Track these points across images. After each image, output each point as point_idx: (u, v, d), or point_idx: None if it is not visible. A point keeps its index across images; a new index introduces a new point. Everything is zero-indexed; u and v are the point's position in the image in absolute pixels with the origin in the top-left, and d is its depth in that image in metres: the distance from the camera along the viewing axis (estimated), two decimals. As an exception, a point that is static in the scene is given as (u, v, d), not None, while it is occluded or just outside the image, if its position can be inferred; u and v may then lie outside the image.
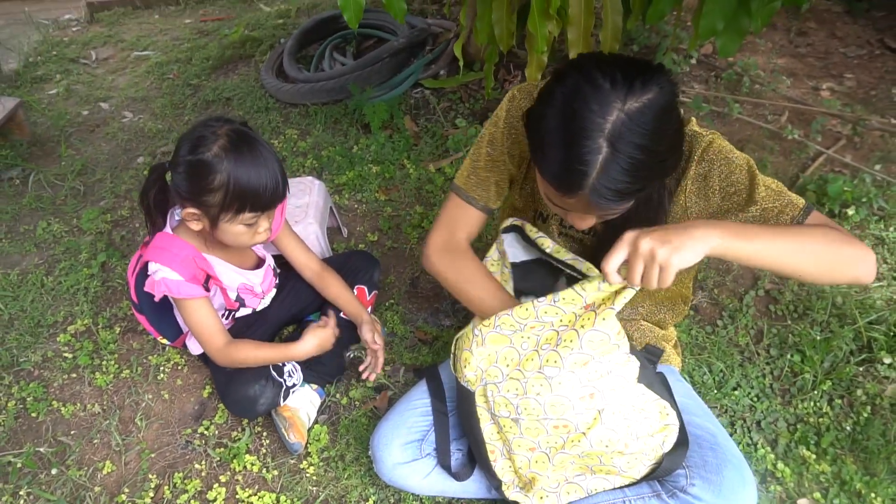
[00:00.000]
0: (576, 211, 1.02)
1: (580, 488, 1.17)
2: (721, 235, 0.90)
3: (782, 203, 1.04)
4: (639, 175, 0.90)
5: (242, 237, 1.31)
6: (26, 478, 1.48)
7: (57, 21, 3.88)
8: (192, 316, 1.38)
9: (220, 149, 1.21)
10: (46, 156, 2.62)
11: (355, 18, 1.68)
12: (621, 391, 1.05)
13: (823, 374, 1.62)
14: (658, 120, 0.88)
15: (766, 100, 2.73)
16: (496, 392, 1.11)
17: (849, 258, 0.97)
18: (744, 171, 1.06)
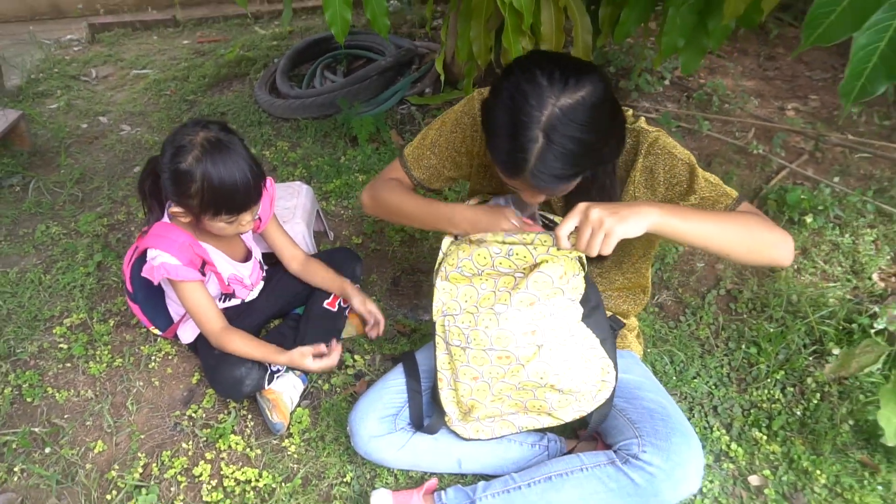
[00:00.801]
0: (524, 190, 1.15)
1: (512, 425, 1.30)
2: (660, 213, 1.02)
3: (718, 193, 1.17)
4: (573, 162, 1.02)
5: (227, 230, 1.43)
6: (21, 456, 1.55)
7: (59, 41, 4.03)
8: (189, 298, 1.48)
9: (194, 159, 1.31)
10: (46, 165, 2.73)
11: (342, 33, 1.81)
12: (560, 332, 1.17)
13: (777, 365, 1.73)
14: (589, 114, 1.00)
15: (734, 118, 2.88)
16: (452, 322, 1.23)
17: (769, 241, 1.12)
18: (685, 165, 1.19)
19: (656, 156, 1.20)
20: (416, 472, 1.48)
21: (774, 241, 1.12)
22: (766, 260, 1.14)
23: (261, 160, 2.63)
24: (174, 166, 1.33)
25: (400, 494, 1.36)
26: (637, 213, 1.01)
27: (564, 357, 1.18)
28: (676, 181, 1.20)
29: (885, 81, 0.65)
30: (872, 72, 0.64)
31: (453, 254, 1.20)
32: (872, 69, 0.64)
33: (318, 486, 1.47)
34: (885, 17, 0.60)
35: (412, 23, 3.79)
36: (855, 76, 0.67)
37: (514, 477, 1.31)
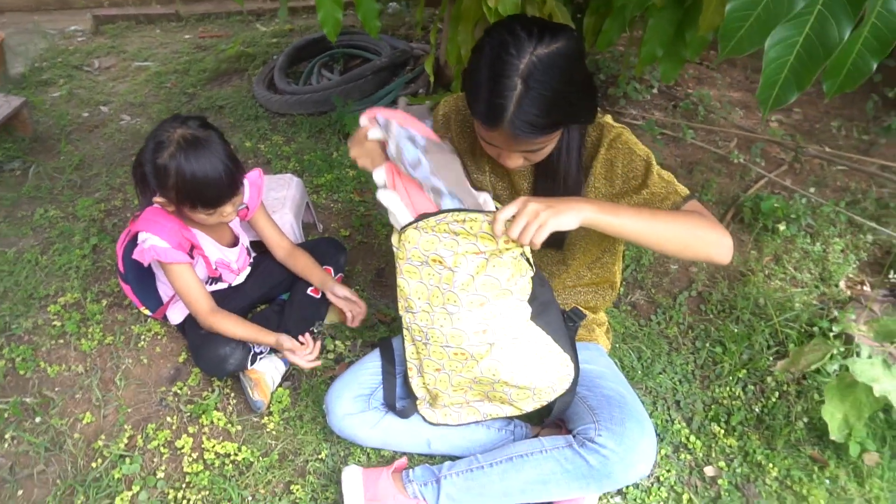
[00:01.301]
0: (502, 146, 1.17)
1: (477, 412, 1.38)
2: (593, 210, 1.10)
3: (668, 190, 1.24)
4: (549, 111, 1.07)
5: (209, 220, 1.51)
6: (11, 424, 1.62)
7: (63, 31, 4.10)
8: (178, 280, 1.56)
9: (169, 155, 1.39)
10: (47, 151, 2.80)
11: (333, 33, 1.89)
12: (511, 330, 1.23)
13: (741, 364, 1.80)
14: (565, 64, 1.06)
15: (718, 127, 2.97)
16: (412, 320, 1.30)
17: (705, 240, 1.18)
18: (643, 161, 1.27)
19: (617, 150, 1.27)
20: (388, 451, 1.55)
21: (711, 240, 1.18)
22: (703, 256, 1.21)
23: (256, 152, 2.71)
24: (153, 160, 1.41)
25: (370, 471, 1.43)
26: (571, 207, 1.09)
27: (517, 355, 1.25)
28: (633, 175, 1.27)
29: (795, 91, 0.72)
30: (784, 83, 0.71)
31: (402, 247, 1.24)
32: (784, 81, 0.71)
33: (293, 461, 1.54)
34: (793, 34, 0.68)
35: (410, 24, 3.88)
36: (769, 86, 0.74)
37: (477, 457, 1.39)
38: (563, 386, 1.32)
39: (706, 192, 2.48)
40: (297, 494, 1.46)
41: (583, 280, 1.54)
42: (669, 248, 1.18)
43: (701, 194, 2.47)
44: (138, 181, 1.57)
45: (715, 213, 2.41)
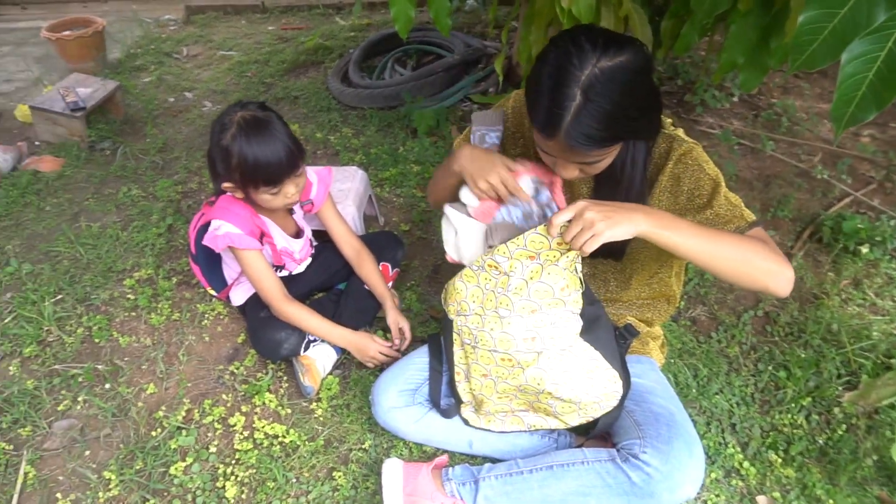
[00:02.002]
0: (558, 156, 1.15)
1: (521, 422, 1.35)
2: (649, 223, 1.06)
3: (733, 214, 1.19)
4: (607, 124, 1.04)
5: (274, 202, 1.54)
6: (84, 388, 1.74)
7: (158, 20, 4.33)
8: (250, 266, 1.62)
9: (231, 137, 1.44)
10: (135, 133, 2.97)
11: (405, 29, 1.91)
12: (560, 341, 1.21)
13: (806, 391, 1.71)
14: (627, 79, 1.03)
15: (802, 140, 2.81)
16: (463, 322, 1.30)
17: (764, 269, 1.12)
18: (711, 181, 1.21)
19: (686, 165, 1.23)
20: (430, 447, 1.56)
21: (771, 270, 1.12)
22: (759, 286, 1.14)
23: (325, 143, 2.78)
24: (216, 144, 1.47)
25: (411, 466, 1.45)
26: (627, 218, 1.05)
27: (564, 368, 1.23)
28: (698, 193, 1.22)
29: (874, 110, 0.67)
30: (862, 100, 0.67)
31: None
32: (862, 98, 0.66)
33: (338, 448, 1.58)
34: (873, 48, 0.63)
35: (486, 22, 3.87)
36: (844, 103, 0.69)
37: (518, 462, 1.38)
38: (610, 403, 1.29)
39: (783, 207, 2.35)
40: (339, 481, 1.50)
41: (640, 294, 1.49)
42: (725, 271, 1.12)
43: (777, 210, 2.35)
44: (211, 168, 1.64)
45: (791, 230, 2.29)
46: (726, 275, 1.13)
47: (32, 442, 1.61)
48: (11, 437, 1.62)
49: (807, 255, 2.19)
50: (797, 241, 2.25)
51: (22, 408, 1.67)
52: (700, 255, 1.09)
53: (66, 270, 2.13)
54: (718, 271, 1.12)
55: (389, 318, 1.76)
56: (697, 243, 1.08)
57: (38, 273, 2.12)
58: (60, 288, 2.05)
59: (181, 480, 1.50)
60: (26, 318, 1.93)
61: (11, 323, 1.94)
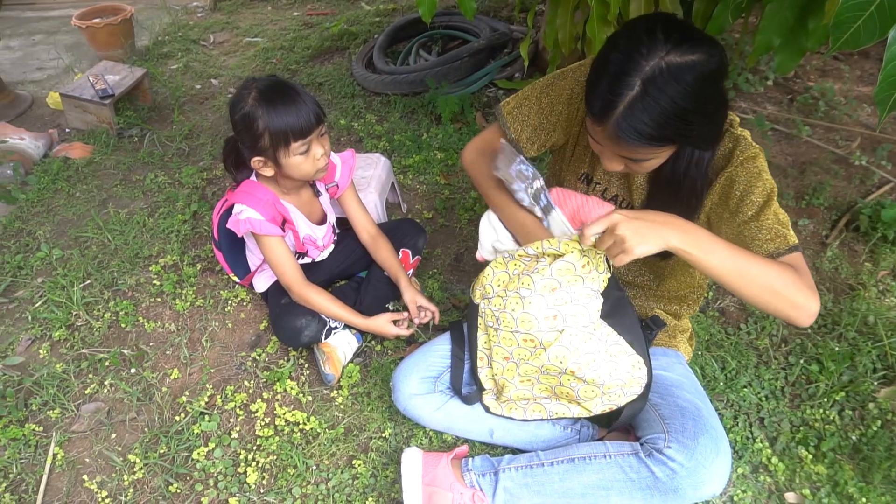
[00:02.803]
0: (605, 145, 1.11)
1: (543, 409, 1.33)
2: (681, 240, 1.03)
3: (776, 233, 1.13)
4: (659, 123, 1.00)
5: (304, 166, 1.51)
6: (111, 372, 1.77)
7: (186, 7, 4.36)
8: (271, 252, 1.62)
9: (253, 100, 1.44)
10: (162, 120, 3.00)
11: (429, 14, 1.88)
12: (581, 318, 1.19)
13: (839, 386, 1.65)
14: (692, 80, 0.98)
15: (840, 125, 2.71)
16: (487, 305, 1.30)
17: (789, 301, 1.07)
18: (764, 193, 1.14)
19: (746, 170, 1.16)
20: (450, 436, 1.55)
21: (794, 304, 1.08)
22: (781, 315, 1.10)
23: (349, 130, 2.77)
24: (238, 115, 1.46)
25: (430, 455, 1.44)
26: (659, 234, 1.03)
27: (587, 349, 1.21)
28: (749, 202, 1.15)
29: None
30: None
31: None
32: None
33: (358, 436, 1.58)
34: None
35: (512, 6, 3.80)
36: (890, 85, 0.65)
37: (539, 454, 1.36)
38: (633, 389, 1.26)
39: (819, 195, 2.27)
40: (359, 469, 1.50)
41: (671, 287, 1.45)
42: (749, 296, 1.08)
43: (812, 198, 2.27)
44: (232, 167, 1.64)
45: (827, 218, 2.21)
46: (750, 299, 1.09)
47: (61, 424, 1.64)
48: (41, 418, 1.66)
49: (842, 244, 2.12)
50: (833, 229, 2.17)
51: (51, 390, 1.71)
52: (727, 278, 1.06)
53: (94, 256, 2.16)
54: (742, 294, 1.09)
55: (406, 297, 1.73)
56: (728, 266, 1.05)
57: (67, 258, 2.16)
58: (89, 273, 2.09)
59: (203, 465, 1.52)
60: (56, 303, 1.97)
61: (42, 307, 1.98)
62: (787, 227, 1.14)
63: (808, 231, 2.17)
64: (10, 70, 3.53)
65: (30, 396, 1.71)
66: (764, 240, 1.13)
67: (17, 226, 2.32)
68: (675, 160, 1.16)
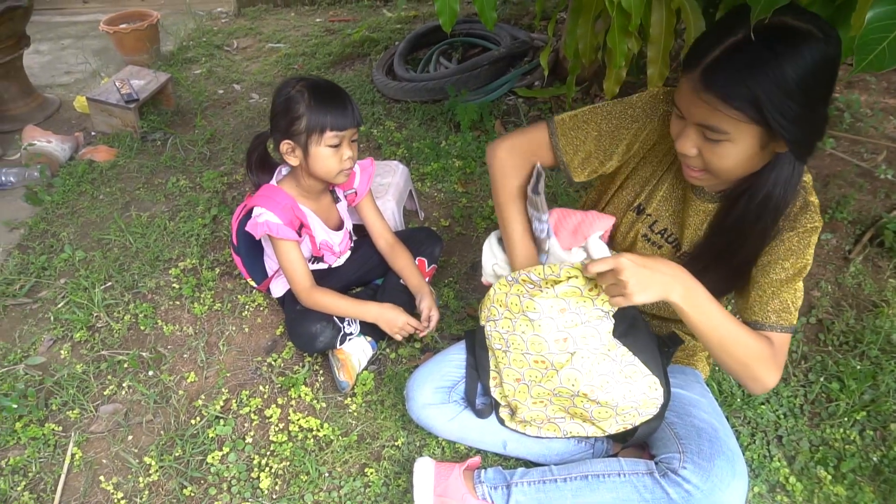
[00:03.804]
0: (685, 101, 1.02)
1: (558, 428, 1.32)
2: (681, 296, 1.06)
3: (786, 309, 1.15)
4: (753, 75, 0.91)
5: (330, 161, 1.54)
6: (129, 374, 1.79)
7: (210, 13, 4.42)
8: (285, 256, 1.64)
9: (302, 86, 1.51)
10: (185, 124, 3.04)
11: (449, 23, 1.88)
12: (592, 341, 1.18)
13: (860, 405, 1.62)
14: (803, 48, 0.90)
15: (866, 138, 2.66)
16: (493, 328, 1.28)
17: (752, 374, 1.14)
18: (798, 267, 1.14)
19: (801, 240, 1.14)
20: (463, 447, 1.55)
21: (756, 377, 1.14)
22: (738, 379, 1.18)
23: (368, 137, 2.79)
24: (281, 99, 1.52)
25: (443, 466, 1.44)
26: (662, 286, 1.04)
27: (600, 371, 1.19)
28: (781, 269, 1.15)
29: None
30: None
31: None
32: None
33: (371, 444, 1.58)
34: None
35: (533, 14, 3.80)
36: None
37: (552, 469, 1.35)
38: (649, 410, 1.24)
39: (842, 208, 2.24)
40: (371, 477, 1.50)
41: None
42: (720, 359, 1.14)
43: (836, 211, 2.24)
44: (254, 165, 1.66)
45: (850, 233, 2.17)
46: (719, 360, 1.15)
47: (80, 424, 1.67)
48: (61, 418, 1.69)
49: (866, 259, 2.08)
50: (856, 244, 2.13)
51: (71, 391, 1.74)
52: (709, 340, 1.11)
53: (115, 258, 2.19)
54: (714, 355, 1.14)
55: (424, 304, 1.72)
56: (716, 333, 1.10)
57: (90, 260, 2.20)
58: (110, 275, 2.12)
59: (217, 469, 1.53)
60: (77, 304, 2.01)
61: (64, 308, 2.01)
62: (797, 308, 1.16)
63: (831, 246, 2.14)
64: (39, 73, 3.60)
65: (50, 396, 1.74)
66: (772, 309, 1.16)
67: (42, 227, 2.37)
68: (749, 198, 1.10)
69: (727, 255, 1.18)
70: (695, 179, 1.13)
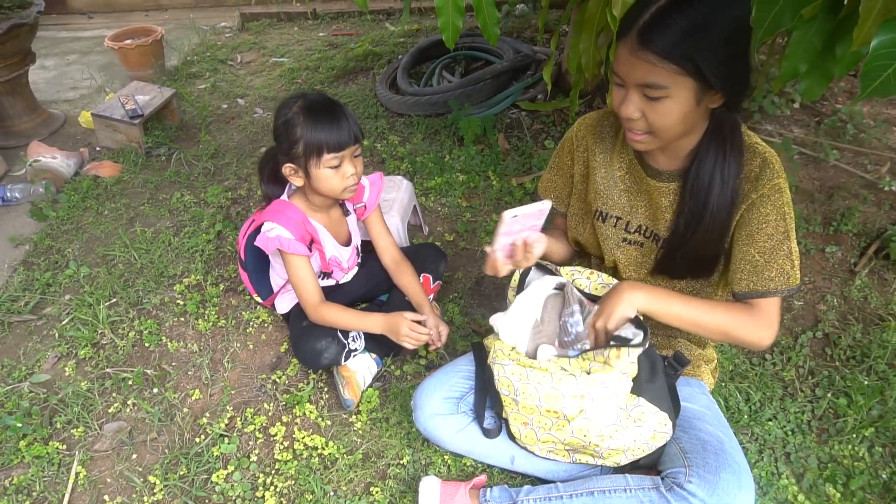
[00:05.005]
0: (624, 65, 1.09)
1: (567, 455, 1.30)
2: (646, 299, 1.19)
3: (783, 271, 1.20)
4: (688, 29, 1.00)
5: (332, 181, 1.55)
6: (134, 391, 1.79)
7: (214, 27, 4.45)
8: (295, 271, 1.64)
9: (298, 108, 1.51)
10: (189, 139, 3.06)
11: (452, 39, 1.89)
12: (608, 401, 1.18)
13: (868, 421, 1.61)
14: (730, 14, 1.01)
15: (869, 149, 2.66)
16: (502, 372, 1.26)
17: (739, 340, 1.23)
18: (783, 230, 1.19)
19: (773, 202, 1.18)
20: (469, 464, 1.54)
21: (746, 341, 1.22)
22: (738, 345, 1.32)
23: (372, 151, 2.79)
24: (280, 122, 1.53)
25: (448, 485, 1.43)
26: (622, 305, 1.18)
27: (609, 421, 1.19)
28: (767, 236, 1.19)
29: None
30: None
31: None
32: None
33: (376, 462, 1.57)
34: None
35: (536, 27, 3.82)
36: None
37: (558, 486, 1.34)
38: (658, 443, 1.24)
39: (847, 221, 2.23)
40: (376, 496, 1.49)
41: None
42: (705, 336, 1.28)
43: (840, 223, 2.23)
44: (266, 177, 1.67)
45: (855, 245, 2.17)
46: (706, 337, 1.31)
47: (84, 443, 1.67)
48: (65, 436, 1.68)
49: (872, 272, 2.07)
50: (861, 257, 2.13)
51: (75, 409, 1.74)
52: (684, 326, 1.22)
53: (120, 274, 2.20)
54: (699, 335, 1.28)
55: (429, 322, 1.73)
56: (683, 318, 1.21)
57: (94, 276, 2.20)
58: (115, 292, 2.12)
59: (222, 488, 1.52)
60: (82, 321, 2.01)
61: (69, 325, 2.01)
62: (796, 267, 1.20)
63: (836, 258, 2.13)
64: (44, 89, 3.63)
65: (54, 414, 1.74)
66: (769, 277, 1.20)
67: (47, 243, 2.37)
68: (699, 161, 1.17)
69: (700, 226, 1.21)
70: (639, 144, 1.19)
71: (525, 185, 2.50)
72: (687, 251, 1.25)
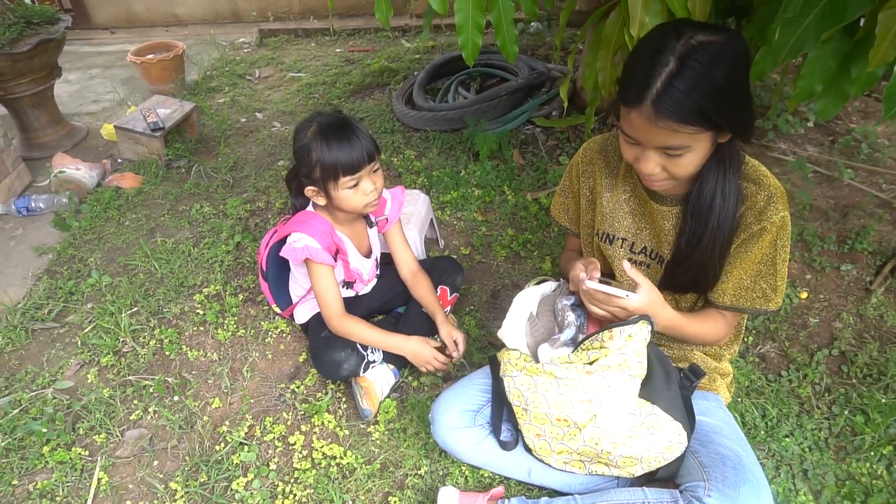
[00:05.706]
0: (641, 133, 1.11)
1: (583, 466, 1.31)
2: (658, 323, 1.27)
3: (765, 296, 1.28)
4: (699, 93, 1.02)
5: (353, 199, 1.58)
6: (154, 399, 1.82)
7: (233, 43, 4.54)
8: (320, 281, 1.67)
9: (312, 133, 1.53)
10: (208, 152, 3.11)
11: (472, 57, 1.93)
12: (617, 405, 1.19)
13: (886, 439, 1.61)
14: (723, 54, 1.03)
15: (884, 168, 2.67)
16: (512, 384, 1.29)
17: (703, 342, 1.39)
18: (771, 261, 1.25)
19: (772, 236, 1.22)
20: (486, 475, 1.55)
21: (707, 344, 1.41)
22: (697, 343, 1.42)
23: (388, 165, 2.83)
24: (297, 146, 1.56)
25: (466, 495, 1.44)
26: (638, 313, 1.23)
27: (621, 427, 1.20)
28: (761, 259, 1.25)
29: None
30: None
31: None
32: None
33: (394, 473, 1.59)
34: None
35: (550, 45, 3.87)
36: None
37: (576, 498, 1.35)
38: (673, 454, 1.24)
39: (862, 239, 2.24)
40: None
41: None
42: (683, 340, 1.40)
43: (855, 242, 2.24)
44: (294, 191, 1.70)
45: (871, 264, 2.17)
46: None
47: (106, 449, 1.69)
48: (87, 443, 1.71)
49: (888, 290, 2.07)
50: (877, 275, 2.13)
51: (98, 415, 1.76)
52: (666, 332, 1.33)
53: (141, 284, 2.24)
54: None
55: (443, 332, 1.76)
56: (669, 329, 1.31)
57: (116, 285, 2.24)
58: (136, 301, 2.16)
59: (242, 496, 1.54)
60: (104, 329, 2.04)
61: (91, 333, 2.05)
62: (779, 293, 1.27)
63: (852, 277, 2.14)
64: (67, 102, 3.70)
65: (77, 420, 1.76)
66: (751, 297, 1.29)
67: (69, 252, 2.42)
68: (700, 185, 1.20)
69: (701, 243, 1.24)
70: (658, 187, 1.22)
71: (540, 200, 2.52)
72: (688, 266, 1.28)
